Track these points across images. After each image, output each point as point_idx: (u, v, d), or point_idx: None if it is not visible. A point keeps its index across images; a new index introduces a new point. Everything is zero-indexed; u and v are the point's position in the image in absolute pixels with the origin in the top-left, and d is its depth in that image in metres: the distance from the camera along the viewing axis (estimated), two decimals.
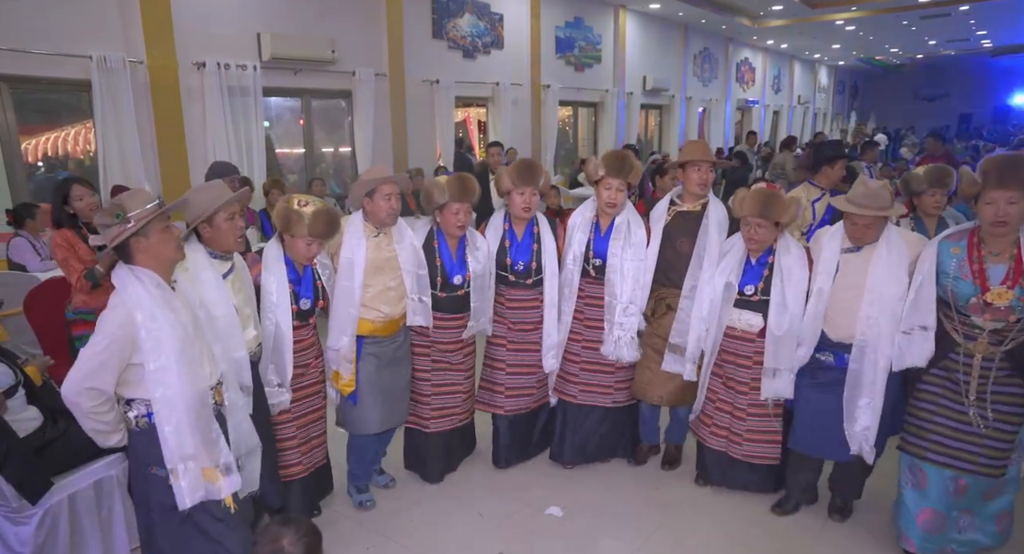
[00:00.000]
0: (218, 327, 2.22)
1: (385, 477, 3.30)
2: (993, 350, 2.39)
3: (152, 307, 1.88)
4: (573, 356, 3.30)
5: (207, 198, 2.30)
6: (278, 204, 2.64)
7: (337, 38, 7.01)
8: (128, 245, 1.93)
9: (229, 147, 6.21)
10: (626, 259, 3.11)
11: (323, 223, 2.58)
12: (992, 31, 17.24)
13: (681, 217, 3.16)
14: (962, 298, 2.42)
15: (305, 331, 2.75)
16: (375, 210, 2.83)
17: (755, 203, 2.74)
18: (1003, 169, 2.26)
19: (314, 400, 2.86)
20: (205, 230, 2.32)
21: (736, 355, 2.95)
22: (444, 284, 3.04)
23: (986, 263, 2.38)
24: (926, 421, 2.57)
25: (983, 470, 2.46)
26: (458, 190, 2.95)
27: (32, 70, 5.09)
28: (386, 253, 2.88)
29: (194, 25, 5.93)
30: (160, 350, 1.88)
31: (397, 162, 7.96)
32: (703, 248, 3.04)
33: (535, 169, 3.11)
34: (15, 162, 5.24)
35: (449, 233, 3.05)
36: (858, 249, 2.68)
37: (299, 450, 2.80)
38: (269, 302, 2.59)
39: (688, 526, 2.96)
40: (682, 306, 3.08)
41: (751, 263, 2.89)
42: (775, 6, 12.77)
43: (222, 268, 2.37)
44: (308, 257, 2.66)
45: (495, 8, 9.23)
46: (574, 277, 3.20)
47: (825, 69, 23.37)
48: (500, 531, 2.94)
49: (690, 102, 14.42)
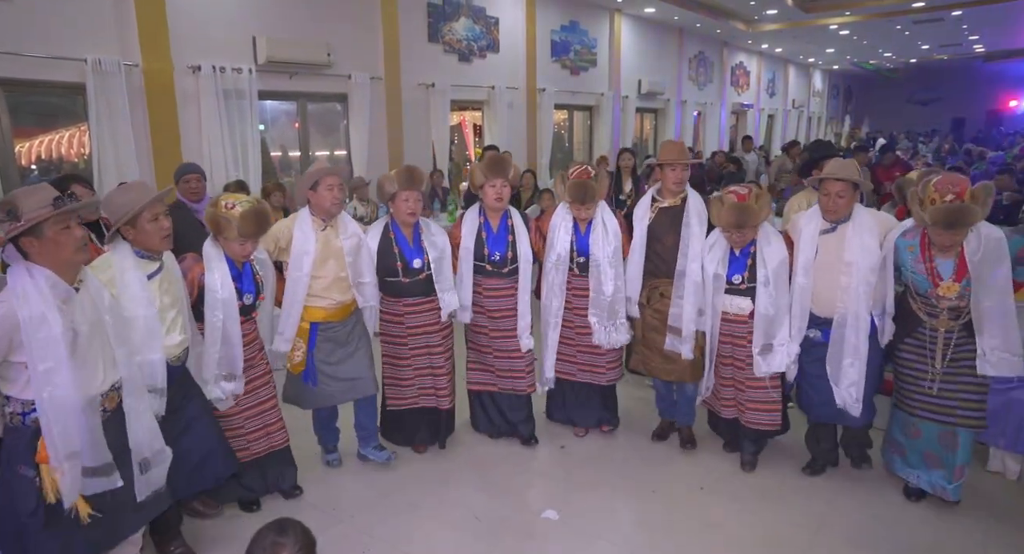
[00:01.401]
0: (134, 328, 2.23)
1: (385, 453, 3.47)
2: (953, 324, 2.85)
3: (42, 307, 1.86)
4: (569, 341, 3.60)
5: (128, 199, 2.31)
6: (207, 208, 2.72)
7: (333, 42, 7.02)
8: (20, 243, 1.90)
9: (224, 150, 6.19)
10: (607, 253, 3.37)
11: (251, 223, 2.67)
12: (985, 36, 17.37)
13: (664, 213, 3.41)
14: (920, 288, 2.88)
15: (248, 326, 2.86)
16: (319, 201, 3.03)
17: (731, 217, 3.03)
18: (948, 220, 2.63)
19: (264, 391, 3.00)
20: (128, 231, 2.33)
21: (732, 336, 3.25)
22: (405, 269, 3.27)
23: (935, 261, 2.81)
24: (910, 384, 3.00)
25: (963, 422, 2.87)
26: (406, 180, 3.18)
27: (26, 73, 5.07)
28: (335, 244, 3.10)
29: (189, 28, 5.92)
30: (48, 352, 1.87)
31: (393, 165, 7.95)
32: (687, 238, 3.31)
33: (504, 162, 3.38)
34: (9, 165, 5.22)
35: (402, 221, 3.28)
36: (833, 229, 3.02)
37: (247, 438, 2.94)
38: (215, 299, 2.66)
39: (685, 530, 2.96)
40: (675, 291, 3.34)
41: (735, 254, 3.18)
42: (770, 10, 12.84)
43: (148, 268, 2.38)
44: (244, 254, 2.76)
45: (491, 12, 9.25)
46: (560, 276, 3.44)
47: (819, 73, 23.49)
48: (496, 534, 2.94)
49: (685, 105, 14.47)
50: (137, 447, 2.22)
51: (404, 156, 8.10)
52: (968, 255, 2.73)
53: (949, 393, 2.89)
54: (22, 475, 1.96)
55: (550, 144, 10.45)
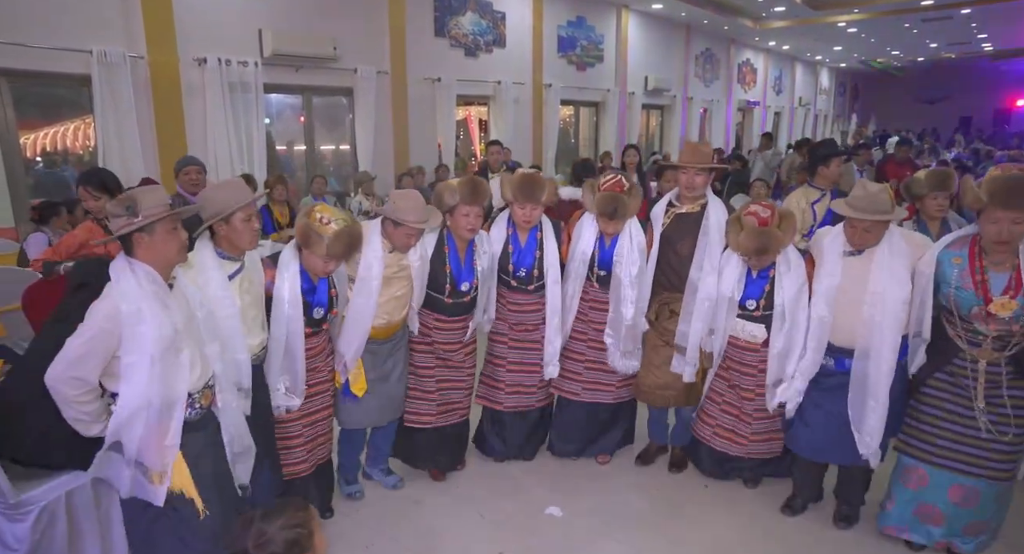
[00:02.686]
0: (219, 327, 2.20)
1: (394, 477, 3.29)
2: (997, 356, 2.41)
3: (139, 301, 1.87)
4: (578, 355, 3.31)
5: (226, 196, 2.28)
6: (299, 219, 2.55)
7: (339, 35, 6.99)
8: (131, 239, 1.92)
9: (230, 143, 6.18)
10: (631, 272, 3.09)
11: (343, 246, 2.51)
12: (993, 34, 17.26)
13: (680, 219, 3.14)
14: (964, 307, 2.42)
15: (317, 338, 2.73)
16: (393, 237, 2.81)
17: (750, 243, 2.70)
18: (1010, 191, 2.24)
19: (322, 399, 2.84)
20: (221, 228, 2.29)
21: (741, 364, 2.97)
22: (452, 291, 3.03)
23: (987, 273, 2.38)
24: (931, 425, 2.58)
25: (992, 474, 2.48)
26: (469, 193, 2.92)
27: (32, 64, 5.06)
28: (397, 266, 2.88)
29: (195, 21, 5.91)
30: (136, 346, 1.87)
31: (398, 160, 7.95)
32: (703, 249, 3.02)
33: (537, 186, 3.05)
34: (14, 157, 5.22)
35: (459, 235, 3.01)
36: (859, 252, 2.63)
37: (304, 448, 2.78)
38: (281, 311, 2.53)
39: (688, 527, 2.95)
40: (684, 307, 3.07)
41: (752, 276, 2.86)
42: (777, 7, 12.77)
43: (229, 268, 2.34)
44: (324, 272, 2.61)
45: (497, 6, 9.21)
46: (577, 285, 3.19)
47: (826, 71, 23.37)
48: (500, 531, 2.92)
49: (691, 103, 14.41)
50: (230, 441, 2.22)
51: (409, 151, 8.08)
52: None
53: (980, 443, 2.46)
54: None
55: (555, 140, 10.42)
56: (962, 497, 2.56)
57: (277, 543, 1.47)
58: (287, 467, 2.73)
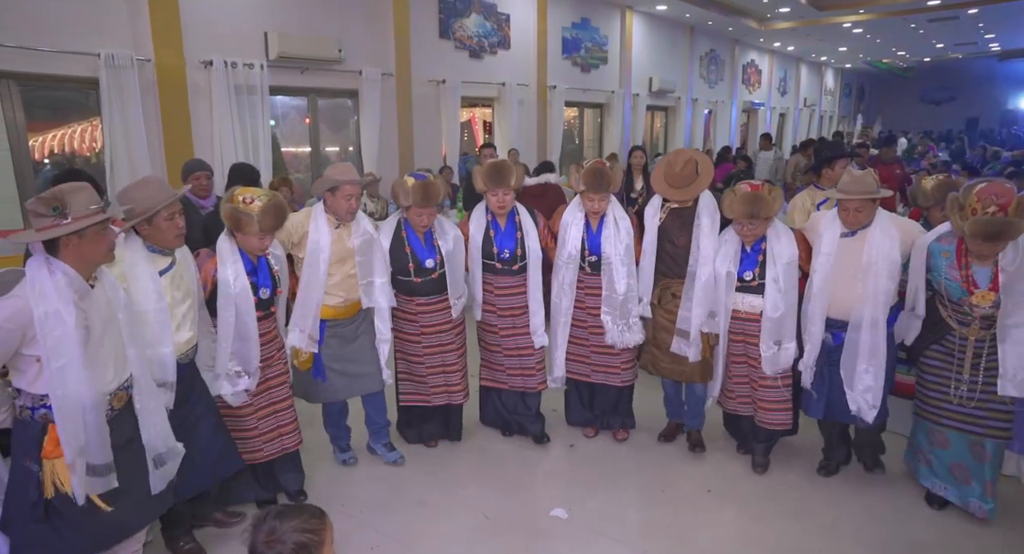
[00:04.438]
0: (145, 322, 2.22)
1: (395, 453, 3.45)
2: (984, 333, 2.74)
3: (58, 303, 1.85)
4: (582, 341, 3.55)
5: (147, 196, 2.29)
6: (224, 205, 2.68)
7: (344, 38, 7.02)
8: (57, 240, 1.89)
9: (235, 145, 6.20)
10: (619, 251, 3.34)
11: (272, 217, 2.66)
12: (1000, 34, 17.19)
13: (675, 214, 3.36)
14: (954, 295, 2.76)
15: (268, 323, 2.83)
16: (335, 206, 3.03)
17: (743, 206, 3.00)
18: (987, 236, 2.54)
19: (280, 391, 2.95)
20: (144, 228, 2.32)
21: (746, 334, 3.22)
22: (417, 269, 3.27)
23: (972, 268, 2.70)
24: (935, 391, 2.90)
25: (991, 433, 2.79)
26: (421, 198, 3.13)
27: (40, 67, 5.09)
28: (347, 243, 3.08)
29: (202, 23, 5.94)
30: (62, 349, 1.86)
31: (403, 161, 7.96)
32: (698, 237, 3.26)
33: (504, 170, 3.31)
34: (23, 159, 5.25)
35: (415, 226, 3.27)
36: (853, 233, 2.95)
37: (261, 438, 2.90)
38: (228, 294, 2.64)
39: (694, 528, 2.95)
40: (685, 293, 3.30)
41: (746, 251, 3.17)
42: (782, 8, 12.74)
43: (160, 264, 2.37)
44: (261, 249, 2.74)
45: (502, 8, 9.22)
46: (571, 274, 3.41)
47: (831, 72, 23.30)
48: (505, 532, 2.93)
49: (696, 104, 14.39)
50: (151, 443, 2.23)
51: (414, 152, 8.09)
52: (1002, 265, 2.64)
53: (979, 403, 2.78)
54: (26, 468, 1.98)
55: (560, 141, 10.42)
56: (977, 454, 2.84)
57: (287, 544, 1.46)
58: (244, 454, 2.82)
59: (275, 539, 1.46)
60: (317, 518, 1.53)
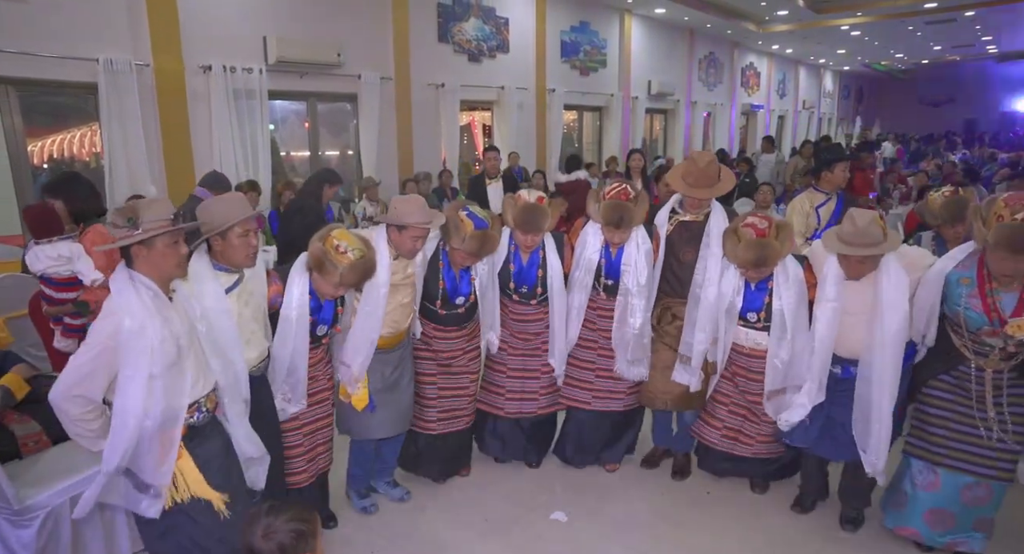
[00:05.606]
0: (216, 340, 2.20)
1: (400, 490, 3.25)
2: (1003, 365, 2.46)
3: (143, 316, 1.85)
4: (587, 364, 3.28)
5: (224, 210, 2.25)
6: (315, 243, 2.49)
7: (343, 41, 7.03)
8: (130, 251, 1.92)
9: (235, 150, 6.21)
10: (640, 281, 3.05)
11: (357, 277, 2.49)
12: (998, 37, 17.24)
13: (684, 227, 3.12)
14: (972, 326, 2.45)
15: (318, 352, 2.73)
16: (399, 244, 2.76)
17: (748, 255, 2.68)
18: (1014, 242, 2.22)
19: (322, 407, 2.83)
20: (216, 242, 2.28)
21: (748, 370, 2.96)
22: (445, 302, 3.02)
23: (996, 294, 2.38)
24: (940, 427, 2.60)
25: (999, 474, 2.53)
26: (476, 248, 2.85)
27: (39, 73, 5.10)
28: (403, 273, 2.86)
29: (201, 28, 5.95)
30: (134, 361, 1.84)
31: (402, 165, 7.97)
32: (706, 259, 3.01)
33: (540, 217, 3.00)
34: (21, 164, 5.26)
35: (453, 263, 3.01)
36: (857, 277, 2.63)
37: (304, 458, 2.77)
38: (287, 330, 2.52)
39: (693, 532, 2.94)
40: (688, 316, 3.06)
41: (751, 288, 2.85)
42: (780, 11, 12.78)
43: (226, 281, 2.32)
44: (333, 296, 2.60)
45: (501, 12, 9.25)
46: (582, 297, 3.15)
47: (830, 74, 23.36)
48: (505, 536, 2.92)
49: (695, 106, 14.41)
50: (240, 447, 2.26)
51: (414, 156, 8.10)
52: None
53: (988, 444, 2.50)
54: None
55: (559, 145, 10.43)
56: (972, 497, 2.58)
57: (284, 533, 1.53)
58: (288, 476, 2.72)
59: (272, 531, 1.54)
60: (306, 511, 1.63)
